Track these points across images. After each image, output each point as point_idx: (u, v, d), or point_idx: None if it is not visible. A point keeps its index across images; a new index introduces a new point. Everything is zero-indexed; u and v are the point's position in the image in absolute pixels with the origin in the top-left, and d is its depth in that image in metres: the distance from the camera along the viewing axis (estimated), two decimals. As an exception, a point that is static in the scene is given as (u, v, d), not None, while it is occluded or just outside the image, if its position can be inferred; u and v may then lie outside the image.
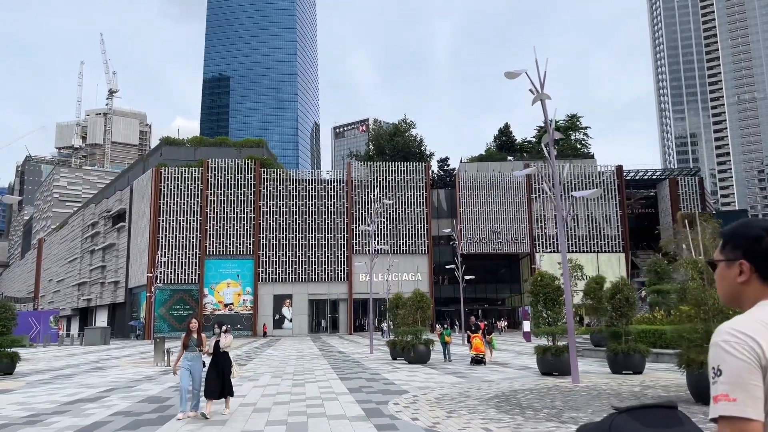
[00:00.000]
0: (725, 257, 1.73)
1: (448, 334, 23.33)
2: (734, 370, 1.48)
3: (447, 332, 23.31)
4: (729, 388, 1.47)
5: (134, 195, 73.85)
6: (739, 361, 1.47)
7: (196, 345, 10.73)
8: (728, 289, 1.72)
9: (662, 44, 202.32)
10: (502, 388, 13.28)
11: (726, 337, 1.53)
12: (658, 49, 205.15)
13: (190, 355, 10.69)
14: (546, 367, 16.43)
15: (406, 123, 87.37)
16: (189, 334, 10.79)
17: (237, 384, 15.34)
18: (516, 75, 14.74)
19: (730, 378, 1.48)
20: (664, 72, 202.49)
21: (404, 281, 64.00)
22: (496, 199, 70.05)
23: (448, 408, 10.34)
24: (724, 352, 1.51)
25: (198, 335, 10.79)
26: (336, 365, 21.58)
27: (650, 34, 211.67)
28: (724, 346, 1.51)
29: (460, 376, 16.61)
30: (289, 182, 68.88)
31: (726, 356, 1.50)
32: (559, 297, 16.49)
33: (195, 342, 10.73)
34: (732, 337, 1.52)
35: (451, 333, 24.28)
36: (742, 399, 1.45)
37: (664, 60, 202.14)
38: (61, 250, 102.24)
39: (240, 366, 11.31)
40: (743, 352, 1.48)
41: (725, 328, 1.55)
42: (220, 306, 65.46)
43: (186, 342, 10.74)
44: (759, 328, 1.52)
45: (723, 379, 1.49)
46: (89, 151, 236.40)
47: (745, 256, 1.67)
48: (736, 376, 1.47)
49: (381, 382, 15.29)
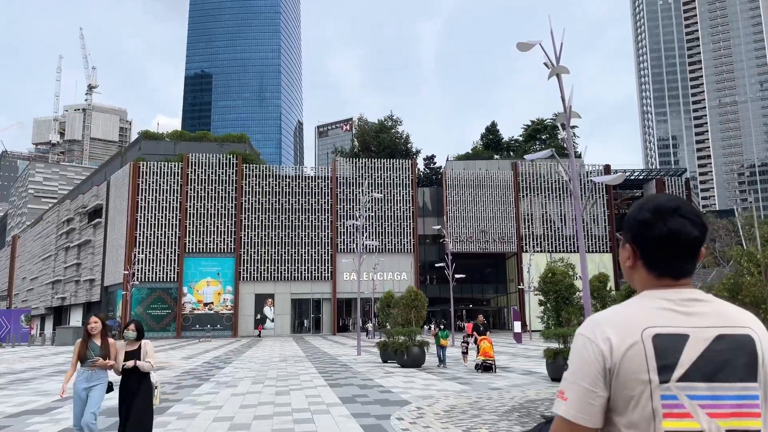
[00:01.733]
0: (622, 237, 1.58)
1: (445, 336, 20.51)
2: (577, 370, 1.39)
3: (444, 334, 20.47)
4: (567, 385, 1.40)
5: (111, 190, 71.33)
6: (582, 361, 1.39)
7: (98, 355, 6.94)
8: (624, 271, 1.58)
9: (645, 47, 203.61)
10: (516, 398, 11.69)
11: (582, 330, 1.44)
12: (641, 52, 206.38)
13: (87, 373, 6.91)
14: (557, 372, 14.89)
15: (393, 119, 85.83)
16: (87, 339, 7.03)
17: (210, 392, 13.58)
18: (530, 46, 13.19)
19: (570, 375, 1.40)
20: (647, 75, 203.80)
21: (389, 280, 62.45)
22: (483, 197, 68.82)
23: (462, 425, 8.70)
24: (576, 346, 1.42)
25: (103, 341, 7.03)
26: (323, 369, 19.86)
27: (633, 37, 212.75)
28: (577, 340, 1.43)
29: (462, 383, 14.99)
30: (272, 179, 66.93)
31: (575, 353, 1.42)
32: (571, 295, 15.00)
33: (97, 352, 6.96)
34: (587, 330, 1.42)
35: (449, 335, 21.38)
36: (573, 400, 1.37)
37: (647, 63, 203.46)
38: (36, 247, 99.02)
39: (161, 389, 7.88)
40: (591, 352, 1.38)
41: (589, 321, 1.45)
42: (199, 305, 63.30)
43: (82, 352, 6.96)
44: (619, 324, 1.39)
45: (566, 375, 1.41)
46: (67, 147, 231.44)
47: (633, 240, 1.52)
48: (576, 376, 1.38)
49: (376, 390, 13.61)
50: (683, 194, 77.38)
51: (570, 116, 13.19)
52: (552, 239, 68.65)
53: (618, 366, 1.34)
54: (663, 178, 77.68)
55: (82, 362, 6.93)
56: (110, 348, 7.04)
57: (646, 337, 1.35)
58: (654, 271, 1.48)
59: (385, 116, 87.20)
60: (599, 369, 1.35)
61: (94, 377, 6.94)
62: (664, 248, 1.45)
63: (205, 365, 22.73)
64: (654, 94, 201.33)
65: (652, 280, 1.48)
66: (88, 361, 6.90)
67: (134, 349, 7.03)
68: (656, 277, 1.48)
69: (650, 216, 1.48)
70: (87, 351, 6.95)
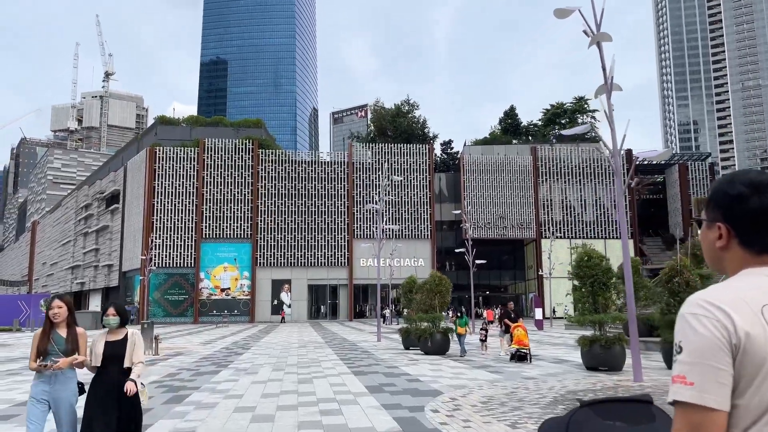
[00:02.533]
0: (707, 217, 1.48)
1: (463, 324, 18.98)
2: (697, 348, 1.25)
3: (461, 322, 19.02)
4: (687, 368, 1.25)
5: (128, 176, 71.28)
6: (703, 338, 1.25)
7: (62, 352, 5.17)
8: (710, 253, 1.48)
9: (666, 29, 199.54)
10: (555, 389, 10.94)
11: (693, 309, 1.29)
12: (662, 35, 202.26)
13: (48, 373, 5.14)
14: (593, 360, 14.09)
15: (409, 104, 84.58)
16: (48, 329, 5.27)
17: (230, 379, 13.01)
18: (568, 12, 12.27)
19: (690, 357, 1.25)
20: (668, 58, 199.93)
21: (405, 267, 61.82)
22: (501, 183, 67.71)
23: (505, 419, 7.98)
24: (689, 326, 1.28)
25: (69, 331, 5.28)
26: (344, 355, 19.26)
27: (654, 20, 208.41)
28: (690, 319, 1.28)
29: (492, 371, 14.27)
30: (288, 164, 66.35)
31: (689, 331, 1.27)
32: (609, 280, 14.18)
33: (61, 347, 5.19)
34: (700, 309, 1.28)
35: (467, 322, 19.60)
36: (700, 383, 1.23)
37: (668, 46, 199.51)
38: (55, 232, 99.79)
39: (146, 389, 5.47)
40: (710, 327, 1.25)
41: (695, 299, 1.32)
42: (216, 291, 63.21)
43: (42, 346, 5.19)
44: (735, 300, 1.28)
45: (682, 358, 1.26)
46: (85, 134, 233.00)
47: (725, 217, 1.41)
48: (697, 355, 1.24)
49: (403, 379, 12.94)
50: (707, 179, 75.61)
51: (611, 88, 12.30)
52: (572, 225, 67.48)
53: (743, 343, 1.23)
54: (686, 163, 75.89)
55: (44, 358, 5.08)
56: (79, 339, 5.25)
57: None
58: (753, 248, 1.36)
59: (402, 100, 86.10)
60: (725, 344, 1.22)
61: (58, 378, 5.11)
62: (761, 222, 1.35)
63: (223, 351, 22.27)
64: (675, 78, 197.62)
65: (751, 258, 1.36)
66: (50, 359, 5.06)
67: (118, 339, 5.31)
68: (756, 254, 1.37)
69: (746, 190, 1.36)
70: (49, 344, 5.14)
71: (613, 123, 12.41)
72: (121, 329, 5.42)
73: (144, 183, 64.58)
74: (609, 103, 12.47)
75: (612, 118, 12.45)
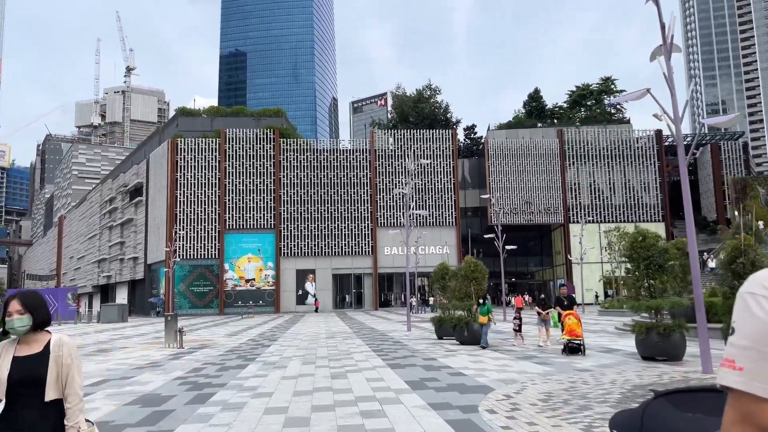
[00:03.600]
0: None
1: (485, 312, 17.16)
2: (751, 332, 1.10)
3: (484, 309, 17.23)
4: (738, 352, 1.10)
5: (150, 168, 71.17)
6: (759, 322, 1.09)
7: None
8: None
9: (693, 8, 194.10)
10: (618, 383, 9.84)
11: (754, 288, 1.13)
12: (688, 12, 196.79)
13: None
14: (649, 350, 12.92)
15: (431, 89, 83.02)
16: None
17: (258, 375, 12.12)
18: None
19: (743, 340, 1.11)
20: (694, 37, 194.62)
21: (430, 255, 60.74)
22: (526, 167, 66.08)
23: (575, 420, 6.92)
24: (745, 306, 1.12)
25: None
26: (375, 347, 18.31)
27: None
28: (748, 299, 1.12)
29: (540, 362, 13.18)
30: (309, 153, 65.56)
31: (745, 313, 1.12)
32: (666, 262, 12.98)
33: None
34: (762, 289, 1.12)
35: (491, 310, 17.52)
36: (750, 370, 1.08)
37: (694, 24, 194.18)
38: (81, 226, 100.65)
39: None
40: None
41: (758, 278, 1.15)
42: (241, 282, 62.90)
43: None
44: None
45: (734, 340, 1.12)
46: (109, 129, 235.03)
47: None
48: (752, 339, 1.09)
49: (445, 373, 11.92)
50: (740, 158, 73.03)
51: (671, 49, 11.05)
52: (600, 209, 65.67)
53: None
54: (719, 143, 73.38)
55: None
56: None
57: None
58: None
59: (424, 85, 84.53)
60: None
61: None
62: None
63: (249, 343, 21.51)
64: (702, 57, 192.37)
65: None
66: None
67: (34, 353, 3.14)
68: None
69: None
70: None
71: (674, 87, 11.16)
72: (37, 335, 3.21)
73: (166, 175, 64.35)
74: (669, 65, 11.23)
75: (672, 81, 11.20)
